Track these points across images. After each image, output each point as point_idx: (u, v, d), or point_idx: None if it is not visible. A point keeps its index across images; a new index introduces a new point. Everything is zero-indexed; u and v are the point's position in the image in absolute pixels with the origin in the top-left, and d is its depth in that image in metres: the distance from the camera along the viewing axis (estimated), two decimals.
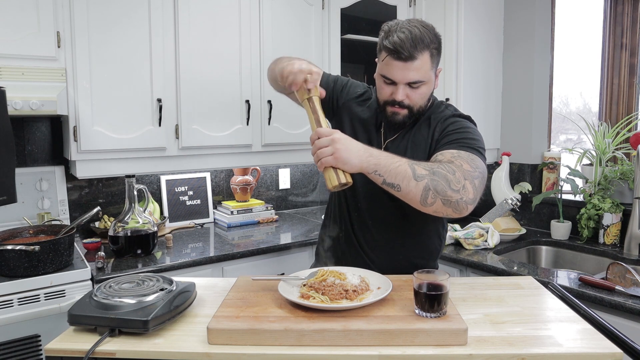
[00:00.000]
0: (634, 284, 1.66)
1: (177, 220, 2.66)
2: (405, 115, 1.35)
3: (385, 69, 1.31)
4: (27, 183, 2.26)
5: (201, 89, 2.37)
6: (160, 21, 2.23)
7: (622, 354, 0.95)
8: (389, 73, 1.30)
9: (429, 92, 1.35)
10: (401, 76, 1.29)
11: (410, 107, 1.33)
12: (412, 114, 1.35)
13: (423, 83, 1.31)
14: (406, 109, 1.33)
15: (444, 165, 1.19)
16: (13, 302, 1.71)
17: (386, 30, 1.30)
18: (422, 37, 1.26)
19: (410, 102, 1.33)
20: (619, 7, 2.41)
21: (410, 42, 1.25)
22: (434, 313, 1.01)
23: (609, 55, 2.45)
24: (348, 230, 1.50)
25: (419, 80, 1.30)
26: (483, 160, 1.29)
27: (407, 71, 1.27)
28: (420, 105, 1.35)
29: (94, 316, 1.02)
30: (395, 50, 1.25)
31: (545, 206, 2.49)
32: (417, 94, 1.32)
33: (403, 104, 1.32)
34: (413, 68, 1.27)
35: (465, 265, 2.09)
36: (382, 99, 1.36)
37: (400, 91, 1.31)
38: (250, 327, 0.99)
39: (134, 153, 2.24)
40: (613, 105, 2.46)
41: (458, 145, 1.28)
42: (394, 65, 1.28)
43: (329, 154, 1.14)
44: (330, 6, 2.70)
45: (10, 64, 1.92)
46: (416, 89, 1.31)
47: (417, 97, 1.33)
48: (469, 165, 1.22)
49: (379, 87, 1.37)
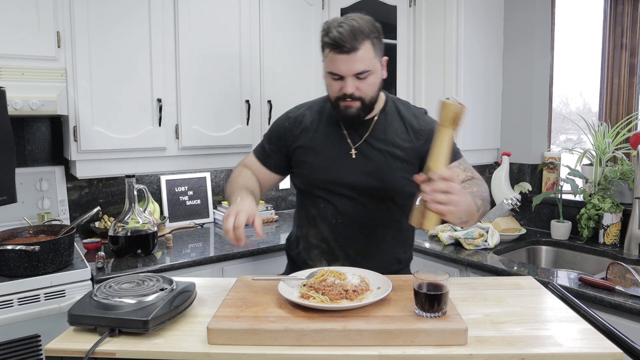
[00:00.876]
0: (634, 284, 1.66)
1: (177, 220, 2.66)
2: (359, 108, 1.37)
3: (330, 65, 1.34)
4: (27, 183, 2.26)
5: (201, 89, 2.37)
6: (160, 21, 2.23)
7: (622, 354, 0.95)
8: (334, 68, 1.32)
9: (377, 81, 1.38)
10: (346, 69, 1.31)
11: (361, 98, 1.35)
12: (365, 105, 1.37)
13: (370, 72, 1.33)
14: (358, 101, 1.35)
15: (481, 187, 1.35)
16: (13, 302, 1.71)
17: (325, 28, 1.33)
18: (361, 28, 1.29)
19: (360, 94, 1.35)
20: (619, 7, 2.41)
21: (350, 34, 1.28)
22: (434, 313, 1.01)
23: (609, 55, 2.45)
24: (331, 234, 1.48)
25: (365, 70, 1.32)
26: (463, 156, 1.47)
27: (352, 63, 1.30)
28: (372, 96, 1.37)
29: (94, 316, 1.02)
30: (337, 44, 1.28)
31: (545, 206, 2.49)
32: (366, 84, 1.34)
33: (354, 96, 1.34)
34: (357, 59, 1.30)
35: (465, 265, 2.09)
36: (333, 96, 1.38)
37: (348, 84, 1.32)
38: (250, 327, 0.99)
39: (133, 153, 2.24)
40: (613, 105, 2.46)
41: (456, 156, 1.42)
42: (338, 59, 1.30)
43: (443, 201, 1.05)
44: (330, 6, 2.70)
45: (10, 64, 1.92)
46: (364, 80, 1.33)
47: (367, 88, 1.35)
48: (475, 171, 1.41)
49: (329, 86, 1.39)
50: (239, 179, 1.52)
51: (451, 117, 1.08)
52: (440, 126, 1.10)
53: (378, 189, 1.43)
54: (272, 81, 2.56)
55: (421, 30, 2.58)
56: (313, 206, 1.50)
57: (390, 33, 2.70)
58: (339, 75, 1.33)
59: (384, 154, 1.43)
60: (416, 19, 2.60)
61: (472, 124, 2.53)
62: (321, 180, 1.46)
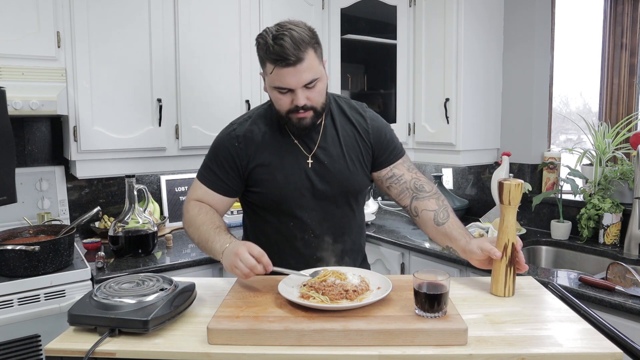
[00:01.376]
0: (634, 284, 1.66)
1: (177, 220, 2.66)
2: (312, 117, 1.34)
3: (277, 80, 1.28)
4: (27, 183, 2.26)
5: (201, 89, 2.37)
6: (160, 21, 2.23)
7: (622, 354, 0.95)
8: (283, 82, 1.27)
9: (324, 86, 1.36)
10: (295, 81, 1.27)
11: (313, 107, 1.33)
12: (318, 113, 1.35)
13: (318, 80, 1.31)
14: (310, 110, 1.33)
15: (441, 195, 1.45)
16: (13, 302, 1.71)
17: (262, 43, 1.27)
18: (301, 37, 1.25)
19: (312, 103, 1.32)
20: (619, 7, 2.41)
21: (293, 46, 1.23)
22: (434, 313, 1.01)
23: (609, 55, 2.45)
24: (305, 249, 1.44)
25: (314, 79, 1.29)
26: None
27: (300, 74, 1.26)
28: (322, 102, 1.36)
29: (94, 316, 1.02)
30: (281, 58, 1.23)
31: (545, 206, 2.49)
32: (316, 92, 1.32)
33: (307, 107, 1.31)
34: (304, 70, 1.26)
35: (465, 265, 2.09)
36: (284, 110, 1.33)
37: (299, 96, 1.29)
38: (250, 327, 0.99)
39: (134, 153, 2.24)
40: (613, 105, 2.46)
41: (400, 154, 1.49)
42: (285, 73, 1.26)
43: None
44: (330, 6, 2.70)
45: (10, 64, 1.92)
46: (313, 88, 1.31)
47: (317, 96, 1.32)
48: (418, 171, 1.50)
49: (276, 100, 1.33)
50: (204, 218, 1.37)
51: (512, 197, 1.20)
52: (502, 205, 1.23)
53: (341, 194, 1.43)
54: None
55: (421, 30, 2.58)
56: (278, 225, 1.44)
57: (390, 33, 2.70)
58: (288, 88, 1.29)
59: (340, 158, 1.42)
60: (416, 19, 2.60)
61: (472, 124, 2.52)
62: (284, 197, 1.40)
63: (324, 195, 1.41)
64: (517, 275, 1.25)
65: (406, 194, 1.45)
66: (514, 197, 1.20)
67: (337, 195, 1.43)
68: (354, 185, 1.44)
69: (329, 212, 1.44)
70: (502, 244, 1.22)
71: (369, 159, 1.46)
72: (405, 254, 2.35)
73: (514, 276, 1.22)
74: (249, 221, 1.55)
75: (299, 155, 1.41)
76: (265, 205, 1.44)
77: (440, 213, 1.39)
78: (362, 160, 1.45)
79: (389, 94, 2.83)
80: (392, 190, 1.47)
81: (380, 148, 1.46)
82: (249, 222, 1.56)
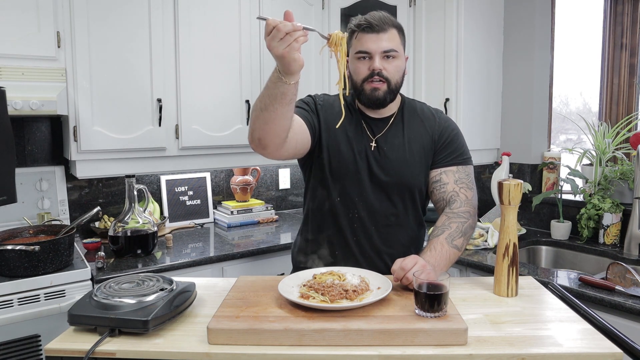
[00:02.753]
0: (634, 284, 1.66)
1: (177, 220, 2.66)
2: (385, 91, 1.39)
3: (358, 45, 1.38)
4: (27, 183, 2.26)
5: (201, 89, 2.37)
6: (160, 21, 2.23)
7: (622, 354, 0.95)
8: (363, 46, 1.36)
9: (402, 67, 1.42)
10: (376, 46, 1.36)
11: (388, 79, 1.38)
12: (391, 88, 1.39)
13: (397, 54, 1.38)
14: (385, 83, 1.38)
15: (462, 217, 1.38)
16: (13, 302, 1.71)
17: (356, 17, 1.41)
18: (390, 17, 1.39)
19: (387, 74, 1.38)
20: (619, 7, 2.41)
21: (379, 19, 1.36)
22: (434, 313, 1.01)
23: (609, 55, 2.45)
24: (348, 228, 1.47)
25: (392, 49, 1.37)
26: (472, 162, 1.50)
27: (380, 41, 1.35)
28: (397, 80, 1.41)
29: (94, 316, 1.02)
30: (368, 23, 1.35)
31: (545, 206, 2.49)
32: (393, 65, 1.38)
33: (382, 75, 1.37)
34: (385, 38, 1.36)
35: (465, 265, 2.09)
36: (360, 78, 1.39)
37: (377, 60, 1.36)
38: (250, 327, 0.99)
39: (133, 153, 2.24)
40: (613, 105, 2.46)
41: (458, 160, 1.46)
42: (367, 38, 1.36)
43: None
44: (330, 6, 2.70)
45: (10, 64, 1.92)
46: (391, 61, 1.38)
47: (393, 69, 1.38)
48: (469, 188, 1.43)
49: (356, 69, 1.40)
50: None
51: (512, 197, 1.21)
52: (502, 205, 1.24)
53: (397, 184, 1.44)
54: None
55: (421, 30, 2.58)
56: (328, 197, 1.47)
57: None
58: (368, 53, 1.36)
59: (402, 149, 1.44)
60: (416, 19, 2.60)
61: (472, 124, 2.53)
62: (341, 169, 1.44)
63: (379, 181, 1.43)
64: (520, 275, 1.25)
65: (441, 204, 1.45)
66: (514, 197, 1.21)
67: (391, 185, 1.43)
68: (409, 178, 1.44)
69: (379, 201, 1.44)
70: (503, 244, 1.22)
71: (430, 156, 1.47)
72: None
73: (516, 277, 1.22)
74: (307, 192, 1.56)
75: (364, 136, 1.45)
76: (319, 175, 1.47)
77: (437, 229, 1.37)
78: (423, 156, 1.45)
79: None
80: (433, 195, 1.47)
81: (441, 147, 1.46)
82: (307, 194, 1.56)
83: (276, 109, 1.18)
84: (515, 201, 1.21)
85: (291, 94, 1.16)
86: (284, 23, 1.07)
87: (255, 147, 1.28)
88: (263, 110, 1.19)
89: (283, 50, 1.07)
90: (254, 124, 1.24)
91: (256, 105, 1.22)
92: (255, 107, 1.23)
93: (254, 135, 1.25)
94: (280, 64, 1.11)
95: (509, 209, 1.22)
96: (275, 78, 1.14)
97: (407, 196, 1.46)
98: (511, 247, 1.22)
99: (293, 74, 1.12)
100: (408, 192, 1.46)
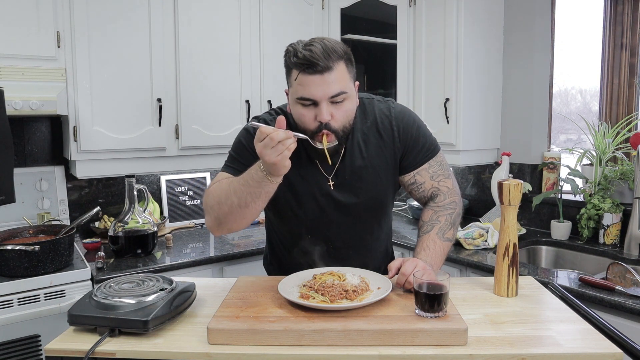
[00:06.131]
0: (634, 284, 1.66)
1: (177, 220, 2.66)
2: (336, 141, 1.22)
3: (301, 89, 1.16)
4: (27, 183, 2.26)
5: (201, 89, 2.37)
6: (160, 21, 2.23)
7: (622, 354, 0.95)
8: (306, 92, 1.15)
9: (353, 108, 1.24)
10: (321, 92, 1.15)
11: (335, 131, 1.20)
12: (341, 136, 1.22)
13: (346, 96, 1.19)
14: (333, 135, 1.20)
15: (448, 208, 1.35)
16: (13, 302, 1.71)
17: (291, 50, 1.17)
18: (334, 47, 1.16)
19: (336, 125, 1.19)
20: (619, 7, 2.41)
21: (323, 52, 1.13)
22: (434, 313, 1.01)
23: (609, 55, 2.45)
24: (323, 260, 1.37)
25: (341, 92, 1.17)
26: (439, 147, 1.40)
27: (326, 85, 1.15)
28: (345, 126, 1.22)
29: (94, 316, 1.02)
30: (309, 62, 1.13)
31: (545, 206, 2.49)
32: (342, 111, 1.19)
33: (330, 127, 1.18)
34: (332, 80, 1.15)
35: (465, 265, 2.09)
36: (307, 128, 1.20)
37: (324, 110, 1.16)
38: (250, 327, 0.99)
39: (133, 153, 2.24)
40: (613, 105, 2.46)
41: (427, 156, 1.37)
42: (311, 81, 1.14)
43: None
44: (330, 6, 2.70)
45: (10, 64, 1.92)
46: (340, 106, 1.19)
47: (342, 116, 1.20)
48: (446, 177, 1.38)
49: (299, 117, 1.20)
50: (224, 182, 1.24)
51: (512, 197, 1.21)
52: (502, 205, 1.23)
53: (365, 207, 1.36)
54: (272, 81, 2.56)
55: (421, 30, 2.58)
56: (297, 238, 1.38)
57: (390, 33, 2.70)
58: (312, 100, 1.16)
59: (365, 171, 1.33)
60: (416, 19, 2.60)
61: (472, 124, 2.52)
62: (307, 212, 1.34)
63: (347, 210, 1.34)
64: (520, 275, 1.25)
65: (423, 200, 1.42)
66: (514, 197, 1.21)
67: (360, 207, 1.35)
68: (377, 195, 1.36)
69: (352, 227, 1.37)
70: (503, 244, 1.23)
71: (397, 164, 1.37)
72: (405, 254, 2.35)
73: (516, 277, 1.23)
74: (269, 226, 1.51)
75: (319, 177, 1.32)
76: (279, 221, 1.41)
77: (425, 225, 1.34)
78: (389, 168, 1.36)
79: (389, 94, 2.83)
80: (413, 195, 1.42)
81: (406, 151, 1.35)
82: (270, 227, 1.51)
83: (257, 206, 1.16)
84: (515, 201, 1.21)
85: (273, 190, 1.14)
86: (276, 131, 1.04)
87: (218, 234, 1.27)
88: (242, 207, 1.15)
89: (275, 158, 1.05)
90: (226, 217, 1.19)
91: (229, 200, 1.16)
92: (226, 202, 1.16)
93: (222, 227, 1.22)
94: (269, 169, 1.08)
95: (509, 209, 1.22)
96: (259, 177, 1.10)
97: (380, 211, 1.41)
98: (511, 247, 1.22)
99: (280, 176, 1.11)
100: (380, 207, 1.40)
